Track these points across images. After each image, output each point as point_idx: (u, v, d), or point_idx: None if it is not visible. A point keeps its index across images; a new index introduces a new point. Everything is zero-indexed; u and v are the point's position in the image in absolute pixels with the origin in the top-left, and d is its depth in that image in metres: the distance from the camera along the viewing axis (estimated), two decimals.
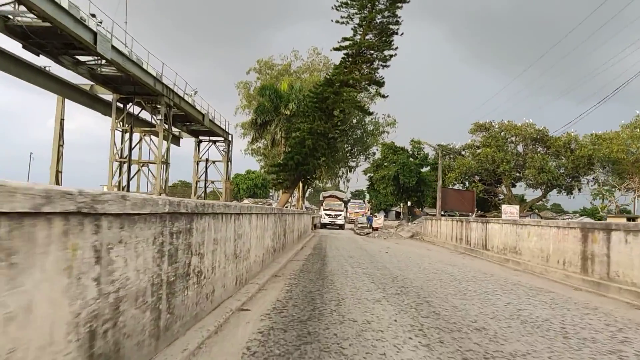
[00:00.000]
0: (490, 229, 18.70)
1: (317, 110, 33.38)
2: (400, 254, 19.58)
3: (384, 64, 32.52)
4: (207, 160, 41.30)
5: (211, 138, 42.20)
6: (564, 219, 35.04)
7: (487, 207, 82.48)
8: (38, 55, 26.66)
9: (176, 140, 39.36)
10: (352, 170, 70.63)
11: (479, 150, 76.43)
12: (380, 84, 33.22)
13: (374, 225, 38.61)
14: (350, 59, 32.66)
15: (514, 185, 68.14)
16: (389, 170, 56.80)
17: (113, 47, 24.72)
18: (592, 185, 78.67)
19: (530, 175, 72.57)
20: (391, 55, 32.44)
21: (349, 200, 48.36)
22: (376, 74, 32.80)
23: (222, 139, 42.19)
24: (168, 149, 30.84)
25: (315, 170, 35.24)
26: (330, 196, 47.13)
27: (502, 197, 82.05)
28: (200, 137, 42.26)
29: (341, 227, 43.81)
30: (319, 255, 17.31)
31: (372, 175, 62.84)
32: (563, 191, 77.04)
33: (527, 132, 76.98)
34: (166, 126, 30.65)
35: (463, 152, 73.37)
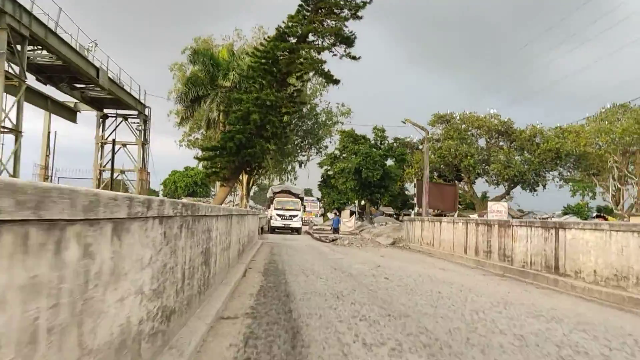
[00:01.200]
0: (570, 239, 10.17)
1: (266, 74, 24.30)
2: (408, 280, 11.59)
3: (355, 13, 23.45)
4: (113, 141, 30.50)
5: (120, 112, 31.43)
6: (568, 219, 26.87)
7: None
8: (45, 85, 28.16)
9: (70, 113, 28.73)
10: (303, 165, 61.44)
11: (440, 144, 69.24)
12: (351, 41, 24.18)
13: (343, 228, 29.46)
14: (310, 5, 23.37)
15: (473, 182, 60.61)
16: (350, 163, 47.77)
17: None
18: (557, 181, 73.25)
19: (496, 170, 65.48)
20: (365, 3, 23.35)
21: (303, 198, 38.96)
22: (344, 27, 23.67)
23: (134, 113, 31.67)
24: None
25: (264, 156, 25.78)
26: (282, 192, 38.12)
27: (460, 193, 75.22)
28: (106, 111, 31.31)
29: (297, 231, 34.58)
30: (278, 295, 9.67)
31: (328, 168, 53.64)
32: (527, 188, 70.50)
33: (490, 124, 70.46)
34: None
35: (421, 147, 65.13)
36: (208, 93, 33.91)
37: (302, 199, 37.63)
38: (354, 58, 26.03)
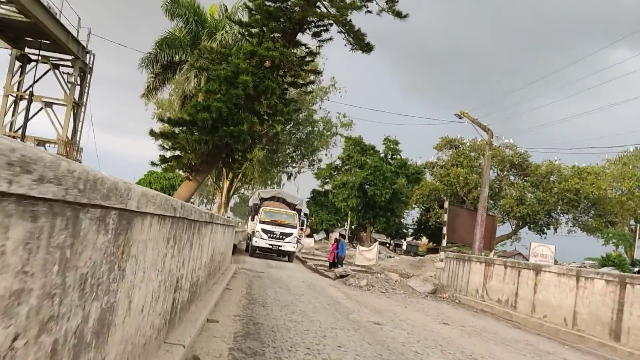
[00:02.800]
0: None
1: (269, 18, 15.29)
2: None
3: None
4: (30, 94, 20.55)
5: (47, 54, 21.39)
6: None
7: (439, 238, 67.19)
8: None
9: None
10: (292, 177, 52.96)
11: (447, 170, 61.15)
12: None
13: (359, 260, 20.41)
14: None
15: None
16: (354, 176, 38.79)
17: None
18: (571, 226, 65.92)
19: (507, 206, 57.36)
20: None
21: (301, 211, 28.64)
22: None
23: (68, 58, 21.85)
24: None
25: (253, 142, 16.81)
26: (273, 199, 28.33)
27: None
28: (28, 50, 21.40)
29: (289, 256, 25.39)
30: None
31: (326, 180, 44.61)
32: (536, 230, 62.81)
33: (504, 154, 62.63)
34: None
35: (425, 170, 56.67)
36: (185, 59, 24.85)
37: (299, 212, 27.80)
38: (399, 15, 17.35)
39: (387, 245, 69.61)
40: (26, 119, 19.59)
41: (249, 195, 61.61)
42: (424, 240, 72.06)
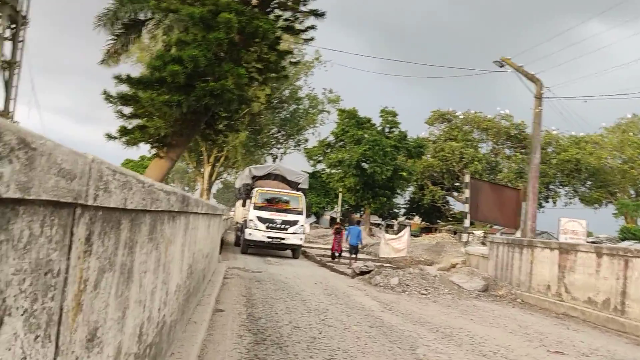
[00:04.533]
0: None
1: None
2: None
3: None
4: None
5: None
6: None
7: (432, 217, 63.88)
8: None
9: None
10: (277, 159, 49.02)
11: (441, 145, 57.84)
12: None
13: (386, 251, 16.28)
14: None
15: None
16: (351, 153, 34.55)
17: None
18: (569, 198, 63.42)
19: (506, 179, 54.04)
20: None
21: (305, 191, 22.46)
22: None
23: None
24: None
25: (241, 104, 12.29)
26: (268, 176, 21.38)
27: (453, 206, 64.54)
28: None
29: (294, 251, 20.40)
30: None
31: (320, 159, 40.32)
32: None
33: (500, 126, 59.28)
34: None
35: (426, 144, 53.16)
36: (153, 15, 20.23)
37: (304, 192, 21.20)
38: None
39: (379, 226, 65.92)
40: None
41: (232, 181, 57.28)
42: (416, 219, 68.59)
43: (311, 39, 15.56)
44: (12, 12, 15.89)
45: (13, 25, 16.76)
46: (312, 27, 15.16)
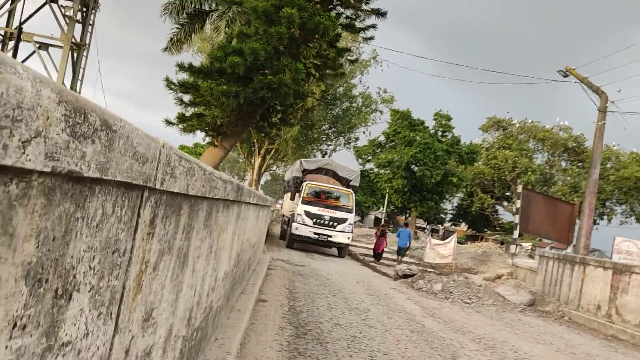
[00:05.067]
0: None
1: None
2: None
3: None
4: (19, 30, 16.02)
5: None
6: None
7: (479, 225, 62.38)
8: None
9: None
10: (326, 155, 48.83)
11: (494, 153, 56.29)
12: None
13: (431, 256, 16.06)
14: None
15: None
16: (401, 154, 34.19)
17: None
18: (626, 216, 60.67)
19: (560, 193, 51.98)
20: None
21: (356, 188, 21.87)
22: None
23: None
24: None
25: (296, 99, 12.33)
26: (319, 171, 20.98)
27: (502, 216, 63.01)
28: None
29: (341, 250, 19.79)
30: None
31: (369, 158, 40.11)
32: None
33: (558, 137, 57.04)
34: None
35: (480, 150, 51.95)
36: (217, 6, 20.62)
37: (355, 190, 20.92)
38: None
39: (424, 230, 65.05)
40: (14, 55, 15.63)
41: (281, 174, 57.65)
42: (463, 226, 67.35)
43: (371, 38, 15.46)
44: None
45: (84, 9, 17.44)
46: (372, 26, 15.07)
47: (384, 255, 20.62)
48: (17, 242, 0.91)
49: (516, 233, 21.76)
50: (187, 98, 14.13)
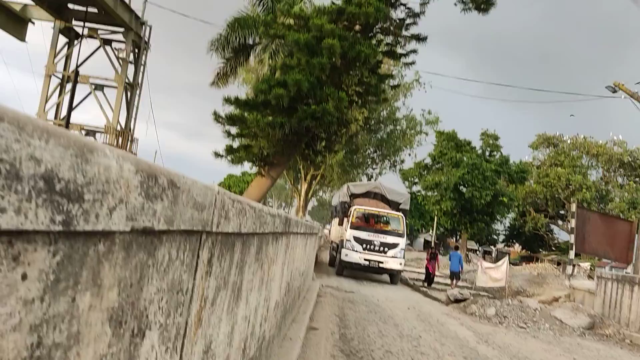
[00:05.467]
0: None
1: None
2: None
3: None
4: (76, 73, 17.06)
5: (93, 25, 17.76)
6: None
7: (534, 246, 60.25)
8: None
9: (16, 24, 16.33)
10: (372, 179, 48.46)
11: (546, 171, 54.67)
12: None
13: (483, 280, 15.73)
14: None
15: None
16: (448, 175, 33.83)
17: None
18: None
19: (617, 210, 49.75)
20: None
21: (406, 212, 21.36)
22: None
23: (119, 30, 18.09)
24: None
25: (340, 127, 12.53)
26: (367, 195, 20.65)
27: (557, 235, 60.70)
28: (75, 23, 18.15)
29: (392, 277, 19.30)
30: None
31: (416, 180, 39.84)
32: None
33: (613, 152, 54.87)
34: None
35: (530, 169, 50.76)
36: (259, 41, 21.31)
37: (405, 213, 20.13)
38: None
39: (476, 252, 63.45)
40: (71, 104, 16.48)
41: (327, 199, 57.87)
42: (516, 247, 65.39)
43: (412, 63, 15.61)
44: (135, 38, 17.50)
45: (136, 50, 18.42)
46: (413, 52, 15.21)
47: (435, 279, 20.33)
48: (104, 291, 1.08)
49: (572, 253, 21.06)
50: (234, 130, 14.61)
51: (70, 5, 17.54)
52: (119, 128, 16.87)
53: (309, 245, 9.84)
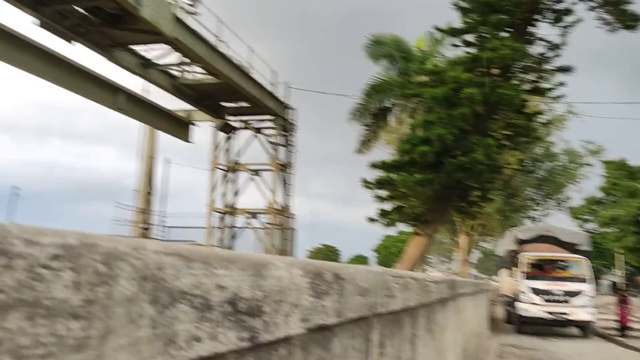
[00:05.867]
0: None
1: (489, 12, 10.85)
2: None
3: None
4: (235, 165, 18.61)
5: (244, 118, 19.36)
6: None
7: None
8: None
9: (182, 127, 18.50)
10: (535, 221, 45.29)
11: None
12: None
13: None
14: None
15: None
16: (626, 208, 30.34)
17: None
18: None
19: None
20: None
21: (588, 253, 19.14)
22: None
23: (268, 118, 19.95)
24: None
25: (493, 173, 12.04)
26: (537, 239, 18.11)
27: None
28: (230, 118, 19.83)
29: (583, 328, 16.75)
30: None
31: (587, 217, 36.36)
32: None
33: None
34: None
35: None
36: (395, 102, 21.76)
37: (587, 255, 17.75)
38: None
39: None
40: (235, 191, 18.29)
41: (491, 249, 54.89)
42: None
43: (560, 97, 14.63)
44: (284, 122, 18.99)
45: (285, 133, 19.90)
46: (560, 84, 14.27)
47: (633, 325, 17.72)
48: None
49: None
50: (384, 193, 14.77)
51: (223, 103, 19.77)
52: (277, 207, 18.21)
53: (479, 303, 9.32)
